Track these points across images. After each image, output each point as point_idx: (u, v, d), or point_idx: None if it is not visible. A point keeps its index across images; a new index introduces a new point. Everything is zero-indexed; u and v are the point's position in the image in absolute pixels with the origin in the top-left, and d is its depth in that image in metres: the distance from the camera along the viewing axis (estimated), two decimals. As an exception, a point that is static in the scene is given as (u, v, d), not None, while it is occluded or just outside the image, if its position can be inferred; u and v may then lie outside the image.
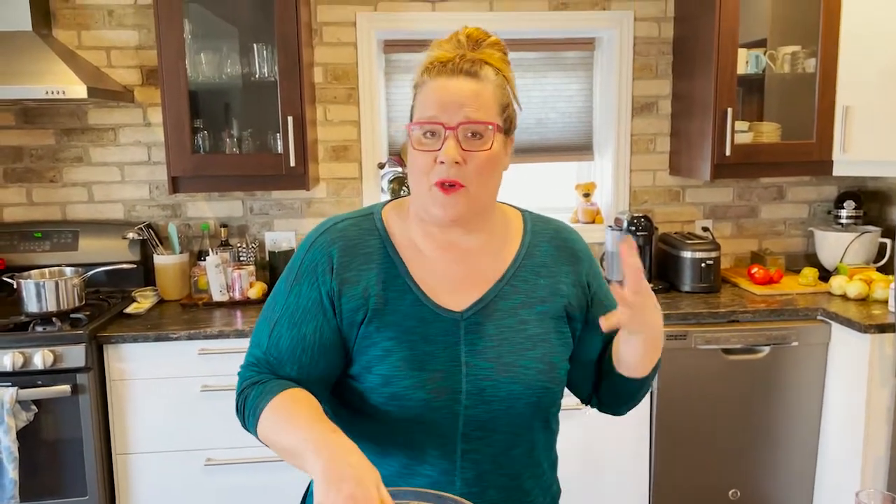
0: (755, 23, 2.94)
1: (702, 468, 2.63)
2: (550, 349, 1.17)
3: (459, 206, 1.10)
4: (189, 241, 2.98)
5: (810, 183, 3.21)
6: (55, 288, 2.42)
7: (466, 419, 1.13)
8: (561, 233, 1.26)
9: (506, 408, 1.13)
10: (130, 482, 2.45)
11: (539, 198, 3.31)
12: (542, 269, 1.20)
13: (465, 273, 1.17)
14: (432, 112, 1.08)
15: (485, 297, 1.16)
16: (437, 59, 1.11)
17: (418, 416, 1.12)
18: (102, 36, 2.85)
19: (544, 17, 2.98)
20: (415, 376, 1.11)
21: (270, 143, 2.76)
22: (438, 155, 1.07)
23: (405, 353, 1.12)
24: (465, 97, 1.07)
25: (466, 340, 1.14)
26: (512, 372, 1.13)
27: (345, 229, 1.17)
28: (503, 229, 1.22)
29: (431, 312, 1.14)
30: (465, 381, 1.12)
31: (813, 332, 2.57)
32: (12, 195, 2.91)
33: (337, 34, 2.93)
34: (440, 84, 1.08)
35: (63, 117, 2.88)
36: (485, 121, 1.08)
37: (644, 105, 3.09)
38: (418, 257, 1.17)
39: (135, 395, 2.40)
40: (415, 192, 1.15)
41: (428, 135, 1.09)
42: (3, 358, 2.24)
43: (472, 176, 1.09)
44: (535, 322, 1.17)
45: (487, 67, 1.11)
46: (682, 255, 2.84)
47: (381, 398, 1.12)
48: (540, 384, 1.15)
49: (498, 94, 1.11)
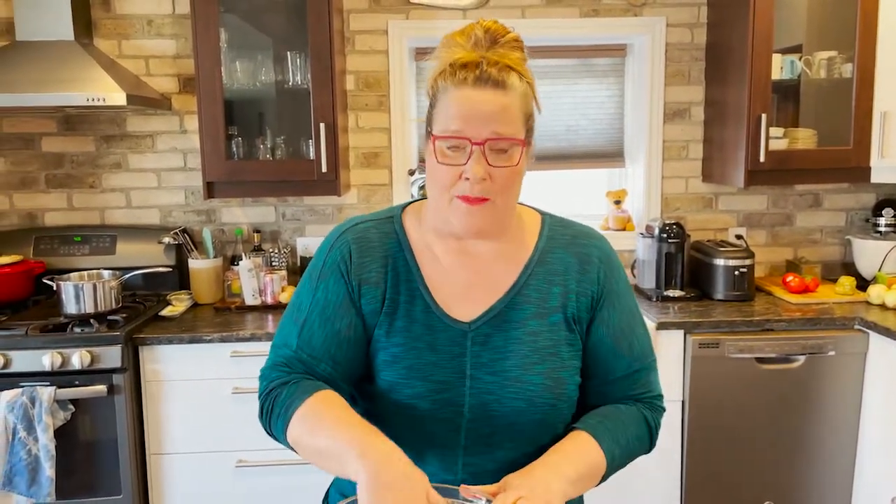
0: (790, 28, 2.90)
1: (734, 479, 2.58)
2: (560, 363, 1.12)
3: (485, 218, 1.07)
4: (223, 245, 3.03)
5: (847, 190, 3.15)
6: (93, 290, 2.48)
7: (468, 432, 1.11)
8: (579, 238, 1.19)
9: (509, 423, 1.10)
10: (163, 482, 2.48)
11: (569, 205, 3.30)
12: (556, 276, 1.15)
13: (477, 281, 1.14)
14: (457, 125, 1.03)
15: (494, 307, 1.13)
16: (459, 61, 1.04)
17: (420, 425, 1.11)
18: (141, 45, 2.92)
19: (576, 24, 2.97)
20: (417, 386, 1.09)
21: (303, 149, 2.80)
22: (464, 171, 1.04)
23: (411, 361, 1.10)
24: (493, 111, 1.02)
25: (472, 352, 1.11)
26: (517, 387, 1.10)
27: (365, 230, 1.16)
28: (519, 234, 1.18)
29: (440, 321, 1.12)
30: (468, 395, 1.10)
31: (850, 341, 2.51)
32: (53, 200, 3.00)
33: (369, 42, 2.96)
34: (465, 95, 1.03)
35: (103, 124, 2.96)
36: (513, 137, 1.04)
37: (676, 111, 3.07)
38: (433, 262, 1.15)
39: (168, 396, 2.44)
40: (434, 203, 1.12)
41: (452, 149, 1.04)
42: (43, 358, 2.30)
43: (497, 190, 1.06)
44: (545, 333, 1.12)
45: (513, 74, 1.05)
46: (714, 262, 2.80)
47: (386, 404, 1.11)
48: (545, 401, 1.10)
49: (523, 105, 1.06)
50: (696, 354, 2.51)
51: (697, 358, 2.51)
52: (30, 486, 2.27)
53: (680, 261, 2.84)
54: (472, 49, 1.06)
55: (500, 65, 1.04)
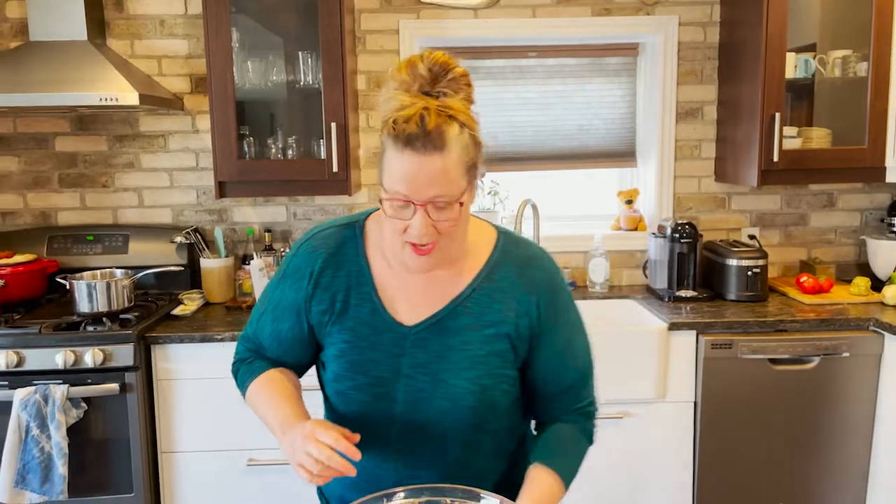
0: (804, 27, 2.88)
1: (747, 481, 2.57)
2: (487, 371, 1.21)
3: (433, 259, 1.16)
4: (234, 245, 3.03)
5: (862, 190, 3.12)
6: (106, 289, 2.49)
7: (401, 424, 1.23)
8: (530, 261, 1.26)
9: (436, 420, 1.21)
10: (175, 480, 2.49)
11: (580, 204, 3.29)
12: (499, 293, 1.23)
13: (424, 289, 1.24)
14: (401, 188, 1.09)
15: (436, 314, 1.22)
16: (401, 116, 1.07)
17: (359, 413, 1.24)
18: (154, 45, 2.93)
19: (587, 22, 2.96)
20: (357, 379, 1.22)
21: (314, 149, 2.80)
22: (409, 227, 1.12)
23: (354, 357, 1.22)
24: (433, 176, 1.08)
25: (410, 354, 1.22)
26: (444, 388, 1.20)
27: (327, 237, 1.28)
28: (473, 248, 1.25)
29: (384, 323, 1.23)
30: (402, 391, 1.22)
31: (865, 342, 2.49)
32: (67, 199, 3.01)
33: (380, 42, 2.96)
34: (407, 160, 1.08)
35: (116, 124, 2.97)
36: (452, 199, 1.11)
37: (689, 111, 3.05)
38: (386, 268, 1.25)
39: (180, 395, 2.45)
40: (388, 244, 1.20)
41: (398, 206, 1.12)
42: (56, 356, 2.31)
43: (443, 236, 1.14)
44: (479, 344, 1.21)
45: (454, 126, 1.09)
46: (727, 262, 2.78)
47: (331, 391, 1.27)
48: (468, 404, 1.20)
49: (464, 156, 1.11)
50: (708, 355, 2.49)
51: (710, 359, 2.49)
52: (42, 483, 2.29)
53: (692, 261, 2.82)
54: (415, 91, 1.10)
55: (442, 117, 1.08)
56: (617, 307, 2.93)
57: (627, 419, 2.53)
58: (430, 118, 1.06)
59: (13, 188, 3.00)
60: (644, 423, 2.54)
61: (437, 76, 1.11)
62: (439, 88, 1.11)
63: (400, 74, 1.12)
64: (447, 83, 1.11)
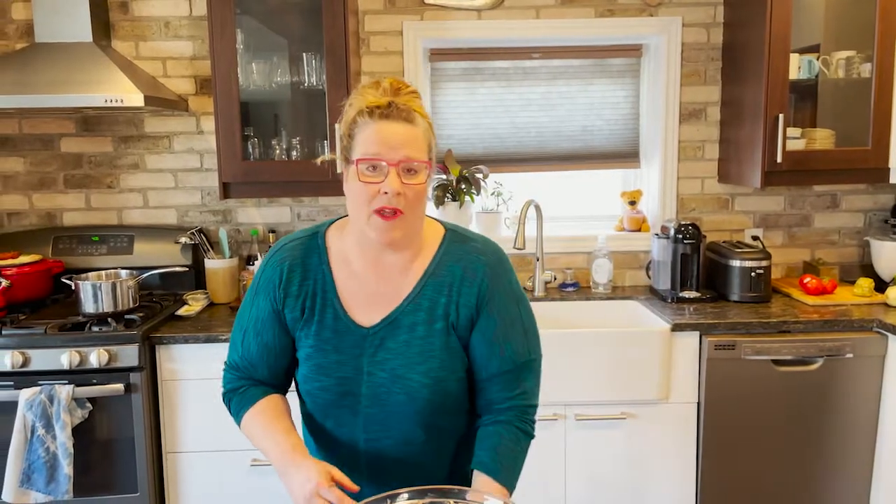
0: (808, 28, 2.88)
1: (750, 482, 2.57)
2: (439, 365, 1.32)
3: (397, 230, 1.27)
4: (238, 245, 3.05)
5: (866, 191, 3.12)
6: (111, 290, 2.50)
7: (366, 417, 1.34)
8: (469, 253, 1.36)
9: (396, 412, 1.32)
10: (179, 480, 2.50)
11: (584, 205, 3.29)
12: (444, 287, 1.34)
13: (381, 290, 1.34)
14: (376, 150, 1.24)
15: (391, 314, 1.33)
16: (373, 103, 1.25)
17: (327, 411, 1.36)
18: (159, 47, 2.94)
19: (591, 24, 2.97)
20: (323, 380, 1.33)
21: (318, 150, 2.81)
22: (382, 186, 1.24)
23: (319, 360, 1.33)
24: (405, 139, 1.24)
25: (369, 353, 1.33)
26: (401, 383, 1.31)
27: (292, 248, 1.38)
28: (423, 245, 1.36)
29: (345, 326, 1.33)
30: (364, 386, 1.32)
31: (868, 343, 2.49)
32: (72, 200, 3.03)
33: (384, 43, 2.97)
34: (381, 126, 1.24)
35: (121, 125, 2.98)
36: (421, 160, 1.26)
37: (692, 111, 3.05)
38: (347, 275, 1.35)
39: (184, 395, 2.46)
40: (354, 219, 1.31)
41: (371, 169, 1.25)
42: (61, 356, 2.32)
43: (408, 205, 1.26)
44: (429, 338, 1.32)
45: (417, 114, 1.27)
46: (730, 263, 2.78)
47: (302, 391, 1.39)
48: (423, 396, 1.31)
49: (426, 137, 1.29)
50: (711, 356, 2.49)
51: (713, 360, 2.50)
52: (48, 483, 2.30)
53: (695, 262, 2.83)
54: (381, 95, 1.27)
55: (407, 107, 1.26)
56: (620, 308, 2.93)
57: (630, 420, 2.53)
58: (398, 104, 1.25)
59: (19, 189, 3.02)
60: (647, 424, 2.54)
61: (398, 90, 1.28)
62: (400, 97, 1.28)
63: (364, 88, 1.30)
64: (404, 96, 1.28)
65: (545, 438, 2.51)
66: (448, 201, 3.00)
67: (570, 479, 2.56)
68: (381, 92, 1.27)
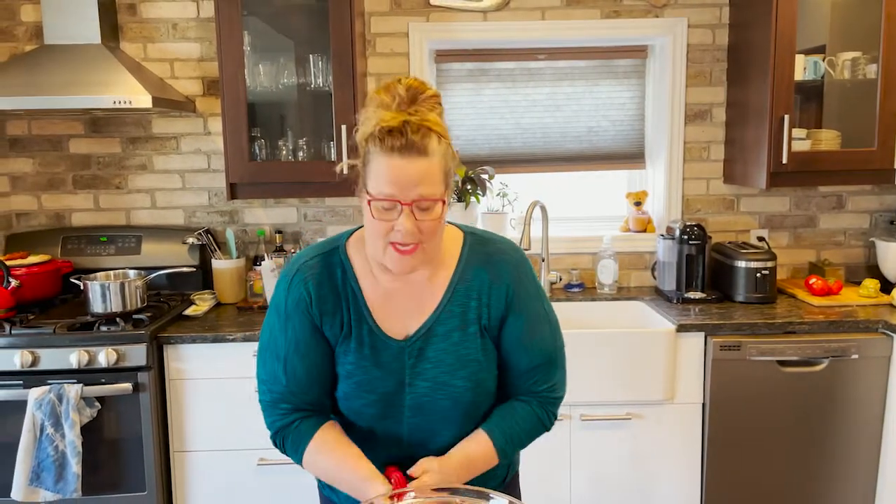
0: (814, 29, 2.88)
1: (755, 483, 2.57)
2: (478, 367, 1.33)
3: (415, 260, 1.25)
4: (245, 246, 3.06)
5: (872, 192, 3.11)
6: (119, 290, 2.52)
7: (410, 427, 1.35)
8: (493, 256, 1.36)
9: (441, 418, 1.34)
10: (187, 479, 2.52)
11: (589, 206, 3.30)
12: (473, 291, 1.34)
13: (410, 302, 1.33)
14: (389, 190, 1.19)
15: (425, 324, 1.33)
16: (384, 125, 1.18)
17: (371, 425, 1.36)
18: (166, 48, 2.96)
19: (597, 25, 2.97)
20: (366, 397, 1.33)
21: (324, 151, 2.82)
22: (395, 225, 1.21)
23: (360, 377, 1.32)
24: (418, 177, 1.18)
25: (409, 365, 1.32)
26: (444, 390, 1.32)
27: (314, 266, 1.34)
28: (444, 253, 1.34)
29: (381, 341, 1.32)
30: (407, 398, 1.33)
31: (874, 344, 2.49)
32: (81, 201, 3.05)
33: (390, 45, 2.98)
34: (394, 163, 1.18)
35: (129, 126, 3.00)
36: (435, 198, 1.21)
37: (697, 112, 3.05)
38: (374, 288, 1.33)
39: (192, 394, 2.48)
40: (371, 247, 1.28)
41: (384, 209, 1.20)
42: (70, 356, 2.34)
43: (424, 237, 1.23)
44: (465, 343, 1.32)
45: (433, 138, 1.20)
46: (736, 264, 2.79)
47: (343, 407, 1.37)
48: (467, 399, 1.33)
49: (442, 164, 1.22)
50: (716, 357, 2.50)
51: (718, 360, 2.50)
52: (56, 481, 2.32)
53: (701, 263, 2.83)
54: (395, 109, 1.21)
55: (422, 129, 1.19)
56: (625, 309, 2.94)
57: (636, 421, 2.54)
58: (412, 128, 1.18)
59: (28, 190, 3.04)
60: (652, 424, 2.55)
61: (414, 96, 1.22)
62: (416, 107, 1.22)
63: (379, 96, 1.23)
64: (422, 101, 1.22)
65: (550, 438, 2.52)
66: (453, 202, 3.01)
67: (576, 480, 2.56)
68: (397, 103, 1.21)
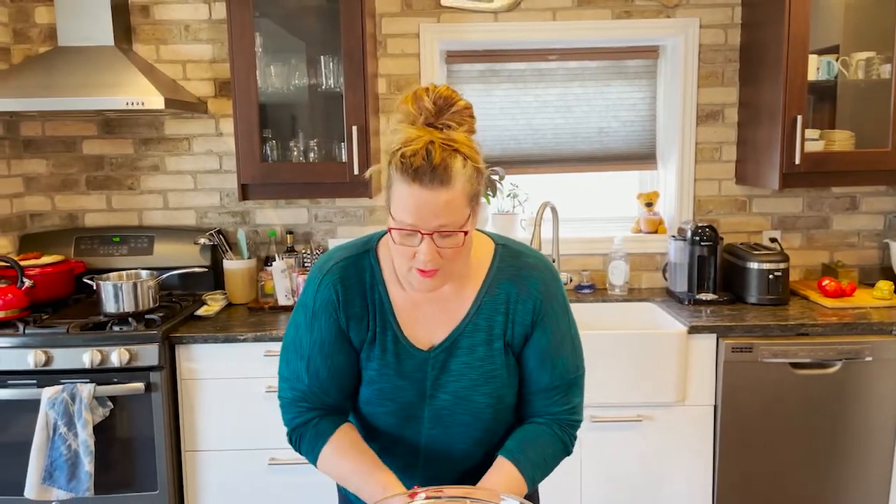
0: (827, 29, 2.86)
1: (767, 486, 2.55)
2: (501, 383, 1.30)
3: (439, 281, 1.22)
4: (257, 247, 3.07)
5: (886, 193, 3.09)
6: (132, 290, 2.54)
7: (428, 438, 1.34)
8: (523, 270, 1.31)
9: (460, 431, 1.32)
10: (198, 478, 2.53)
11: (600, 207, 3.29)
12: (500, 305, 1.30)
13: (437, 313, 1.30)
14: (410, 220, 1.15)
15: (450, 336, 1.30)
16: (406, 150, 1.13)
17: (388, 433, 1.34)
18: (179, 50, 2.98)
19: (608, 25, 2.96)
20: (387, 405, 1.31)
21: (335, 152, 2.83)
22: (417, 253, 1.18)
23: (382, 384, 1.30)
24: (439, 208, 1.14)
25: (431, 376, 1.30)
26: (464, 405, 1.30)
27: (344, 268, 1.31)
28: (474, 264, 1.31)
29: (405, 350, 1.30)
30: (427, 409, 1.31)
31: (888, 347, 2.47)
32: (93, 201, 3.07)
33: (401, 45, 2.98)
34: (415, 193, 1.13)
35: (141, 127, 3.02)
36: (456, 229, 1.17)
37: (709, 113, 3.04)
38: (401, 294, 1.31)
39: (203, 394, 2.49)
40: (397, 266, 1.25)
41: (405, 236, 1.18)
42: (83, 355, 2.36)
43: (447, 262, 1.20)
44: (489, 358, 1.29)
45: (457, 160, 1.14)
46: (748, 266, 2.77)
47: (362, 412, 1.35)
48: (488, 415, 1.31)
49: (468, 188, 1.17)
50: (728, 359, 2.48)
51: (730, 362, 2.49)
52: (69, 480, 2.33)
53: (712, 264, 2.82)
54: (421, 124, 1.16)
55: (446, 151, 1.13)
56: (636, 310, 2.93)
57: (647, 422, 2.53)
58: (435, 152, 1.12)
59: (41, 190, 3.06)
60: (664, 426, 2.53)
61: (442, 109, 1.16)
62: (444, 121, 1.16)
63: (406, 106, 1.18)
64: (451, 115, 1.17)
65: (561, 440, 2.52)
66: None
67: (587, 481, 2.55)
68: (423, 118, 1.16)
